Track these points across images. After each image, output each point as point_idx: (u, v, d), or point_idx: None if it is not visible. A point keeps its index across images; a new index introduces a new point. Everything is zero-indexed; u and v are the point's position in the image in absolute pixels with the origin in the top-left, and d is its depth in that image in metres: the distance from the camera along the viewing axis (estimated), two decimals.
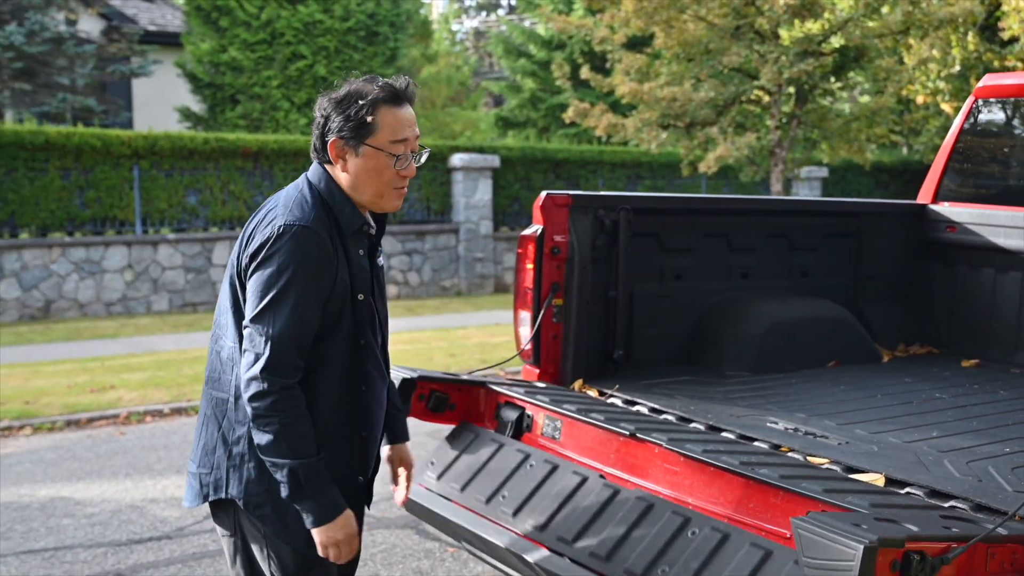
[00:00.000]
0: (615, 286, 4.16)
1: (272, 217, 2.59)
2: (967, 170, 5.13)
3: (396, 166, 2.64)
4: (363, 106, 2.60)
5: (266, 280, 2.53)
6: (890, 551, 2.20)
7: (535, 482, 3.28)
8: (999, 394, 4.07)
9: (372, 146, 2.61)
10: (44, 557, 5.26)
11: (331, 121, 2.63)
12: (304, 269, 2.52)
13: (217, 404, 2.69)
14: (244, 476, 2.63)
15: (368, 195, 2.66)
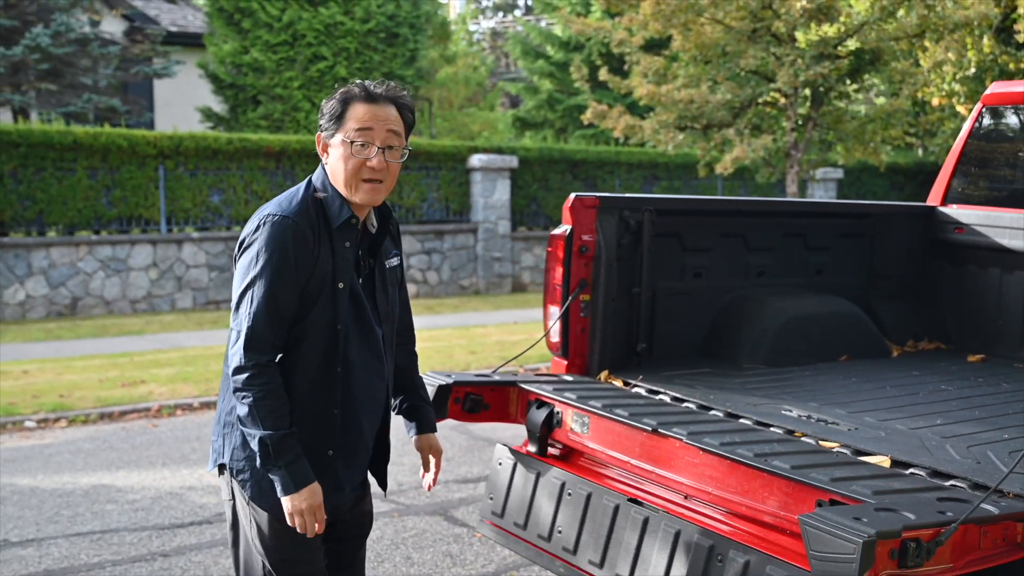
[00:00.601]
0: (639, 283, 4.39)
1: (262, 210, 2.86)
2: (975, 174, 5.34)
3: (355, 153, 2.83)
4: (340, 103, 2.87)
5: (246, 266, 2.79)
6: (888, 542, 2.44)
7: (579, 515, 3.56)
8: (1002, 387, 4.29)
9: (343, 136, 2.86)
10: (92, 539, 5.52)
11: (321, 121, 2.92)
12: (280, 256, 2.76)
13: (224, 379, 2.96)
14: (232, 443, 2.89)
15: (341, 185, 2.88)
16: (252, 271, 2.77)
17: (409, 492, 6.35)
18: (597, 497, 3.53)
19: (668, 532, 3.25)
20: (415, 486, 6.46)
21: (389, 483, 5.77)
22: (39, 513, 5.94)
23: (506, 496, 3.91)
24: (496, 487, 3.96)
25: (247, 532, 2.94)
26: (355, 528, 3.16)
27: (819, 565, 2.50)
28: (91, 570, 5.09)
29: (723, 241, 4.75)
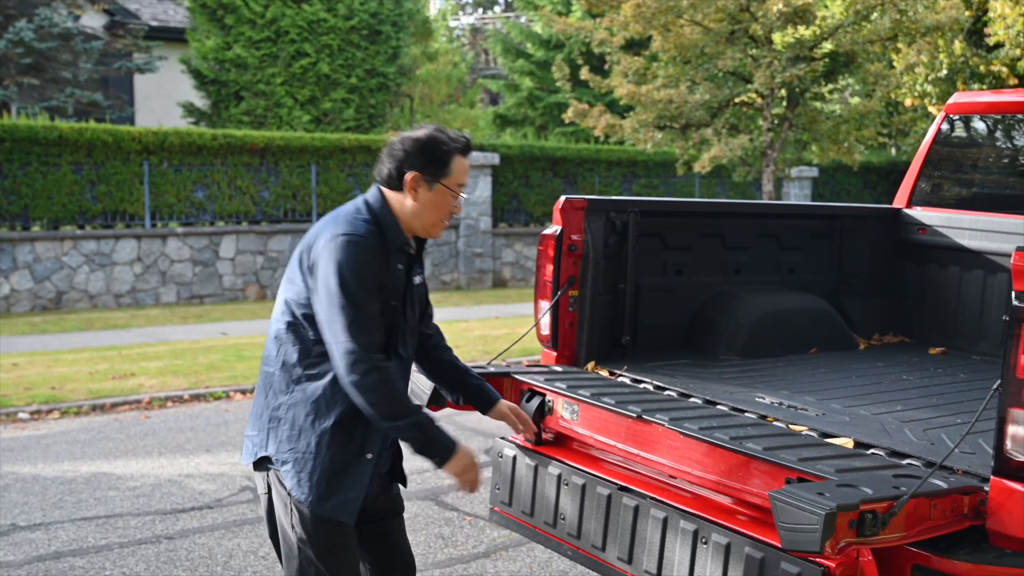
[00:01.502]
0: (624, 280, 4.68)
1: (334, 229, 3.07)
2: (937, 178, 5.66)
3: (454, 203, 3.18)
4: (445, 152, 3.14)
5: (334, 282, 2.98)
6: (848, 514, 2.75)
7: (578, 504, 3.86)
8: (959, 376, 4.60)
9: (444, 185, 3.14)
10: (98, 524, 5.76)
11: (412, 158, 3.13)
12: (363, 271, 3.02)
13: (265, 377, 3.20)
14: (278, 437, 3.12)
15: (427, 223, 3.18)
16: (343, 288, 2.97)
17: None
18: (591, 487, 3.81)
19: (657, 518, 3.53)
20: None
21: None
22: (44, 499, 6.17)
23: (511, 486, 4.19)
24: (502, 478, 4.25)
25: (285, 521, 3.16)
26: (387, 509, 3.45)
27: (787, 535, 2.80)
28: (99, 552, 5.34)
29: (702, 241, 5.04)
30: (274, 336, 3.18)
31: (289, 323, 3.13)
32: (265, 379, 3.21)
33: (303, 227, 16.22)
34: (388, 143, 3.19)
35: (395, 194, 3.16)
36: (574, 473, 3.89)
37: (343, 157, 16.71)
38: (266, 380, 3.20)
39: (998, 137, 5.53)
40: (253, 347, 11.40)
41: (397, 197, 3.16)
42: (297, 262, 3.15)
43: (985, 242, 5.17)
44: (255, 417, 3.23)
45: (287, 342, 3.15)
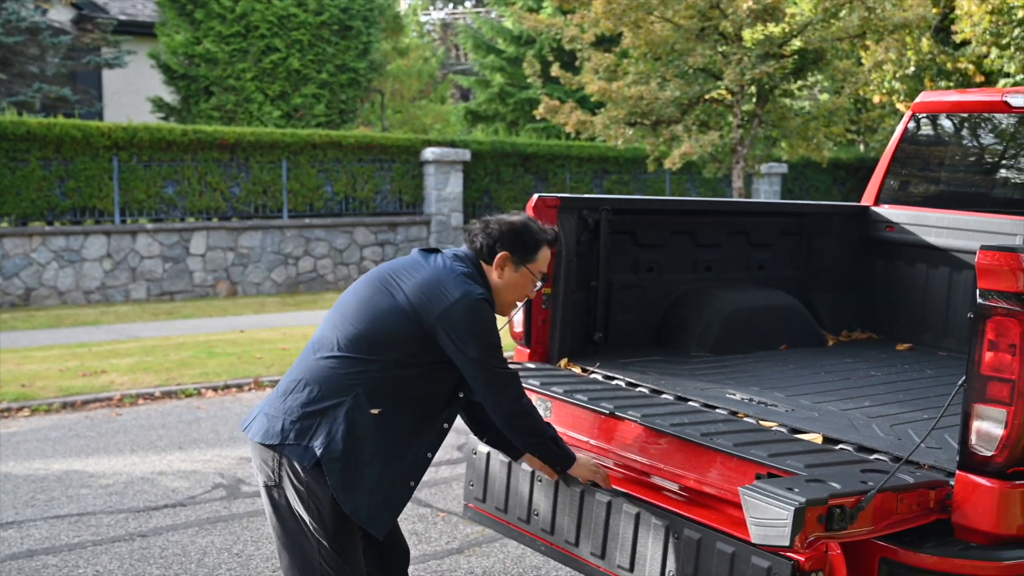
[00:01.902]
0: (596, 277, 4.72)
1: (461, 289, 3.31)
2: (905, 175, 5.74)
3: (528, 285, 3.54)
4: (537, 241, 3.50)
5: (479, 333, 3.29)
6: (817, 508, 2.80)
7: (551, 500, 3.91)
8: (926, 372, 4.68)
9: (529, 269, 3.50)
10: (70, 522, 5.75)
11: (506, 239, 3.45)
12: (493, 324, 3.39)
13: (327, 372, 3.27)
14: (332, 434, 3.21)
15: (504, 300, 3.53)
16: (482, 330, 3.30)
17: None
18: (563, 484, 3.85)
19: (629, 514, 3.58)
20: None
21: None
22: (15, 497, 6.14)
23: (485, 483, 4.22)
24: (476, 474, 4.28)
25: (302, 516, 3.26)
26: None
27: (757, 530, 2.85)
28: (72, 550, 5.33)
29: (674, 238, 5.09)
30: (351, 341, 3.30)
31: (375, 349, 3.28)
32: (325, 374, 3.28)
33: (274, 223, 16.18)
34: (483, 220, 3.53)
35: (484, 266, 3.49)
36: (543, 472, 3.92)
37: (314, 153, 16.67)
38: (327, 376, 3.28)
39: (964, 136, 5.61)
40: (224, 344, 11.37)
41: (486, 269, 3.49)
42: (403, 292, 3.33)
43: (951, 240, 5.25)
44: (297, 405, 3.27)
45: (362, 357, 3.29)
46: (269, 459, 3.29)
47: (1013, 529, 2.96)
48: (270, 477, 3.30)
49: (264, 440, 3.28)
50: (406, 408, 3.32)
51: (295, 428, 3.24)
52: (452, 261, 3.42)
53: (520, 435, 3.49)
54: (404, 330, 3.29)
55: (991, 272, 2.93)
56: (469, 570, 5.13)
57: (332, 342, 3.33)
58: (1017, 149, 5.30)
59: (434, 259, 3.44)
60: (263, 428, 3.31)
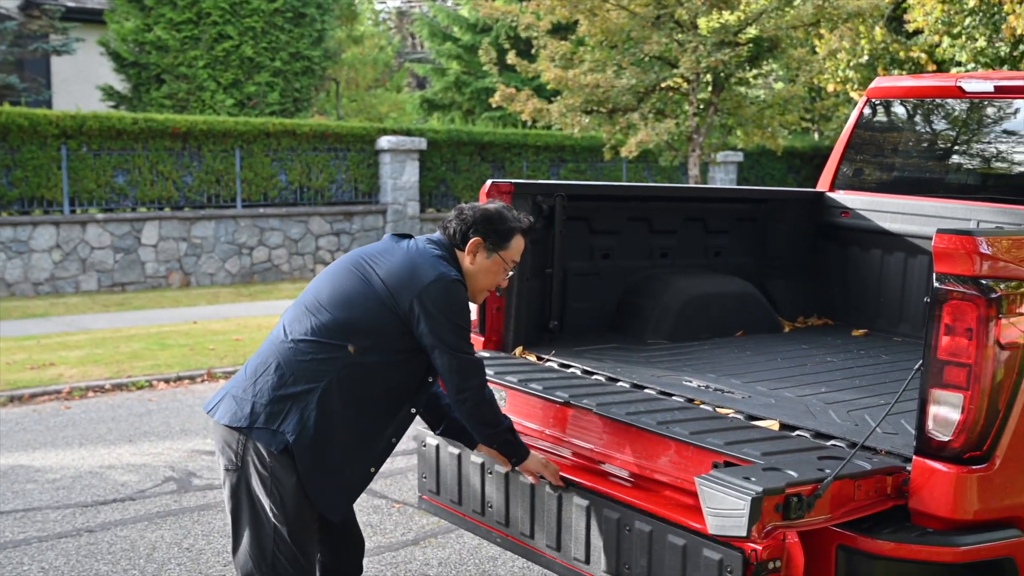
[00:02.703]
0: (551, 264, 4.66)
1: (433, 270, 3.31)
2: (859, 162, 5.74)
3: (501, 273, 3.54)
4: (511, 229, 3.50)
5: (450, 313, 3.29)
6: (773, 498, 2.76)
7: (503, 492, 3.85)
8: (881, 358, 4.67)
9: (501, 256, 3.49)
10: (15, 517, 5.61)
11: (479, 225, 3.45)
12: (466, 306, 3.40)
13: (299, 357, 3.23)
14: (303, 419, 3.20)
15: (476, 287, 3.52)
16: (458, 318, 3.32)
17: None
18: (514, 476, 3.79)
19: (580, 506, 3.53)
20: None
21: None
22: None
23: (437, 475, 4.16)
24: (427, 467, 4.21)
25: (261, 501, 3.23)
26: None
27: (713, 520, 2.81)
28: (17, 546, 5.20)
29: (629, 224, 5.04)
30: (319, 327, 3.27)
31: (349, 335, 3.26)
32: (294, 359, 3.24)
33: (227, 213, 15.96)
34: (458, 207, 3.53)
35: (458, 252, 3.50)
36: (496, 463, 3.86)
37: (268, 142, 16.47)
38: (296, 360, 3.24)
39: (918, 121, 5.61)
40: (177, 335, 11.20)
41: (459, 255, 3.50)
42: (378, 279, 3.31)
43: (906, 225, 5.25)
44: (268, 387, 3.23)
45: (337, 343, 3.26)
46: (234, 442, 3.23)
47: (970, 514, 2.95)
48: (232, 461, 3.24)
49: (232, 423, 3.23)
50: (377, 394, 3.31)
51: (265, 412, 3.20)
52: (426, 245, 3.43)
53: (479, 424, 3.47)
54: (380, 317, 3.27)
55: (948, 256, 2.90)
56: (425, 561, 5.06)
57: (306, 327, 3.29)
58: (971, 134, 5.31)
59: (408, 244, 3.43)
60: (230, 411, 3.25)
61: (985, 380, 2.87)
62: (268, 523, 3.24)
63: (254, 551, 3.26)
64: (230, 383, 3.38)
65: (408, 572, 4.92)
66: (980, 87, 5.07)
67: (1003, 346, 2.88)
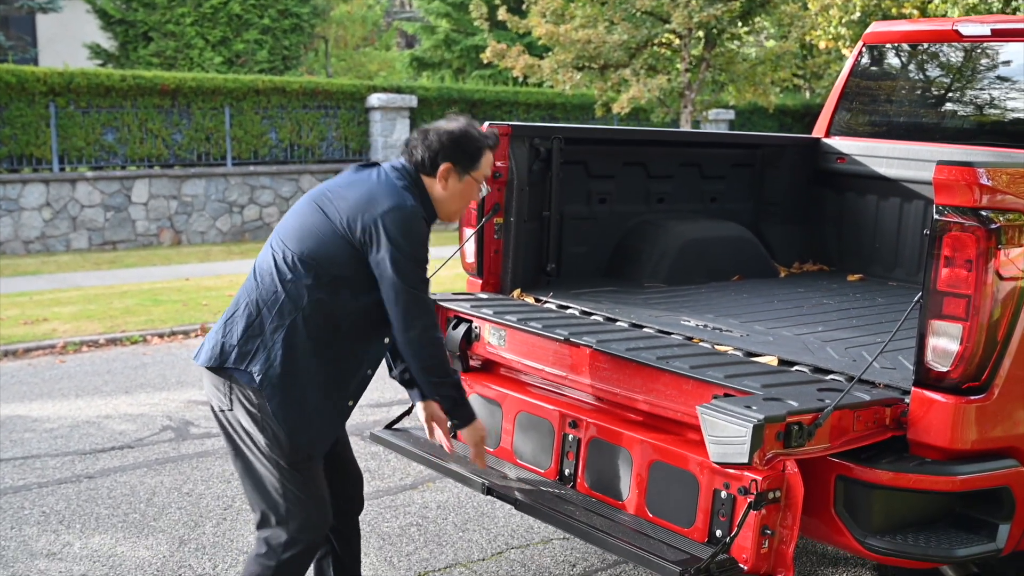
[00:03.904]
0: (548, 207, 4.67)
1: (390, 200, 3.19)
2: (855, 108, 5.73)
3: (477, 194, 3.44)
4: (479, 148, 3.38)
5: (404, 248, 3.17)
6: (775, 425, 2.80)
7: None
8: (877, 301, 4.70)
9: (473, 177, 3.39)
10: (15, 465, 5.63)
11: (447, 150, 3.32)
12: (423, 240, 3.26)
13: (265, 296, 3.21)
14: (272, 358, 3.16)
15: (451, 210, 3.41)
16: (411, 253, 3.19)
17: None
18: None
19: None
20: None
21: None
22: None
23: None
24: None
25: (256, 438, 3.20)
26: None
27: (715, 448, 2.85)
28: (17, 492, 5.22)
29: (626, 169, 5.05)
30: (283, 263, 3.22)
31: (311, 271, 3.20)
32: (259, 293, 3.22)
33: (217, 170, 15.89)
34: (422, 130, 3.38)
35: (426, 178, 3.36)
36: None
37: (257, 99, 16.36)
38: (260, 295, 3.22)
39: (915, 66, 5.61)
40: (169, 292, 11.18)
41: (428, 181, 3.36)
42: (337, 212, 3.22)
43: (902, 170, 5.26)
44: (244, 329, 3.21)
45: (300, 280, 3.20)
46: (220, 384, 3.23)
47: (968, 444, 2.99)
48: (222, 401, 3.24)
49: (208, 363, 3.23)
50: (346, 329, 3.24)
51: (235, 352, 3.19)
52: (389, 174, 3.32)
53: (425, 369, 3.32)
54: (340, 250, 3.20)
55: (948, 187, 2.92)
56: (423, 504, 5.10)
57: (270, 265, 3.25)
58: (968, 79, 5.31)
59: (369, 173, 3.33)
60: (207, 353, 3.25)
61: (984, 311, 2.90)
62: (267, 460, 3.22)
63: (260, 491, 3.27)
64: (212, 328, 3.37)
65: (407, 515, 4.96)
66: (977, 31, 5.07)
67: (1003, 277, 2.91)
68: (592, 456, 3.57)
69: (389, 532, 4.76)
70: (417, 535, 4.73)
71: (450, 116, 3.43)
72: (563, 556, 4.49)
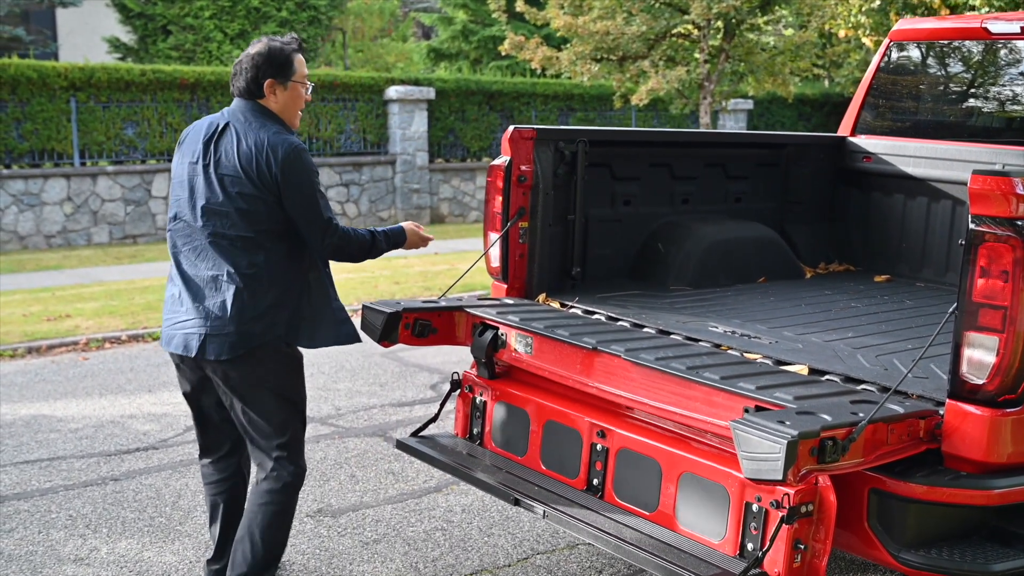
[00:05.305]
0: (573, 210, 4.64)
1: (282, 144, 3.62)
2: (882, 106, 5.68)
3: (306, 93, 3.79)
4: (288, 57, 3.71)
5: (308, 181, 3.65)
6: (809, 441, 2.76)
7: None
8: (905, 303, 4.66)
9: (295, 82, 3.73)
10: (41, 467, 5.65)
11: (260, 69, 3.68)
12: (314, 167, 3.74)
13: (245, 280, 3.59)
14: (256, 307, 3.63)
15: (291, 116, 3.78)
16: (314, 184, 3.67)
17: (347, 416, 6.58)
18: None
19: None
20: (353, 410, 6.69)
21: (328, 408, 6.76)
22: None
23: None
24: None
25: (270, 383, 3.69)
26: None
27: (749, 465, 2.81)
28: (44, 495, 5.24)
29: (651, 170, 5.01)
30: (246, 245, 3.62)
31: (252, 224, 3.62)
32: (243, 281, 3.59)
33: None
34: (236, 64, 3.75)
35: (262, 101, 3.72)
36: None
37: None
38: (247, 282, 3.60)
39: (943, 64, 5.55)
40: None
41: (264, 102, 3.72)
42: (244, 175, 3.60)
43: (929, 169, 5.20)
44: (232, 319, 3.59)
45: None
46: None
47: (1004, 457, 2.95)
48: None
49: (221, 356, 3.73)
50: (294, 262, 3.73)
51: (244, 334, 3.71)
52: (243, 124, 3.64)
53: (356, 257, 3.83)
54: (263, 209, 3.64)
55: (984, 197, 2.87)
56: (448, 508, 5.10)
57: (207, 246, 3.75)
58: (996, 76, 5.25)
59: (230, 133, 3.65)
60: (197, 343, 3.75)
61: (1021, 322, 2.86)
62: (272, 387, 3.70)
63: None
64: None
65: (432, 519, 4.96)
66: (1006, 28, 5.00)
67: None
68: (621, 466, 3.55)
69: (414, 537, 4.75)
70: (442, 540, 4.73)
71: (253, 43, 3.79)
72: (589, 562, 4.48)
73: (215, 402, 3.86)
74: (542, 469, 3.87)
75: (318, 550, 4.61)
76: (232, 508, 4.01)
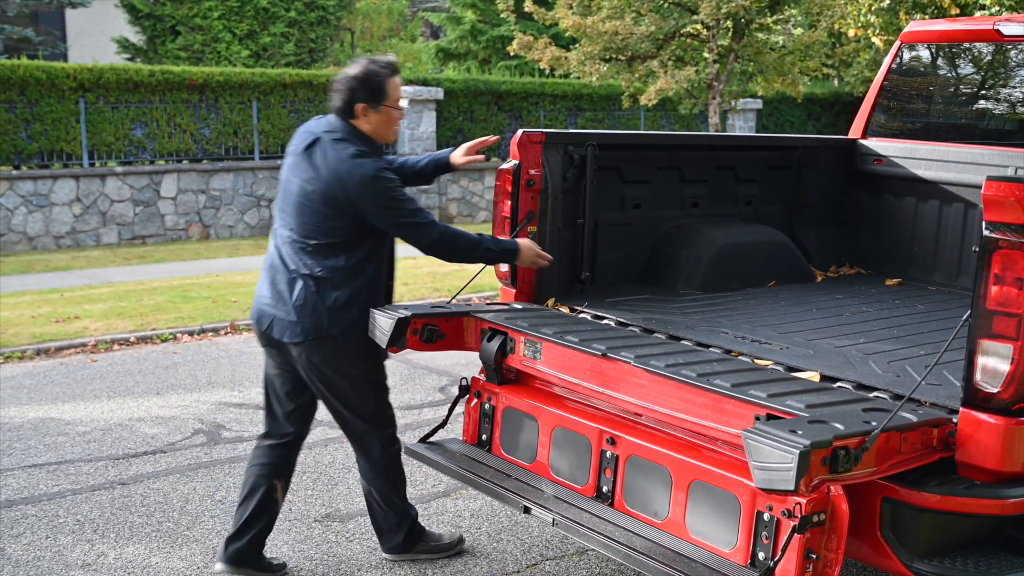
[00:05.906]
0: (582, 214, 4.62)
1: (363, 169, 3.84)
2: (893, 108, 5.64)
3: (399, 115, 4.00)
4: (382, 81, 3.91)
5: (393, 198, 3.92)
6: (821, 451, 2.73)
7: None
8: (917, 308, 4.63)
9: (388, 107, 3.95)
10: (48, 470, 5.65)
11: (355, 92, 3.89)
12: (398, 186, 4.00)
13: (313, 278, 3.94)
14: (331, 316, 3.98)
15: (383, 136, 4.01)
16: (393, 198, 3.90)
17: None
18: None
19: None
20: None
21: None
22: None
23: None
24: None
25: (349, 370, 4.08)
26: None
27: (760, 475, 2.78)
28: (52, 499, 5.23)
29: (660, 174, 4.99)
30: (317, 248, 3.96)
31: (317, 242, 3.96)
32: (312, 279, 3.94)
33: (245, 165, 15.92)
34: (334, 84, 3.92)
35: (354, 122, 3.93)
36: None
37: (285, 93, 16.36)
38: (312, 280, 3.94)
39: (954, 66, 5.51)
40: (199, 288, 11.21)
41: (356, 123, 3.94)
42: (324, 193, 3.88)
43: (941, 172, 5.17)
44: (300, 313, 3.97)
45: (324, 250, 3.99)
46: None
47: (1018, 466, 2.92)
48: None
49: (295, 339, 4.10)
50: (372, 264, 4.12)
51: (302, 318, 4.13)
52: (332, 145, 3.85)
53: (460, 257, 4.09)
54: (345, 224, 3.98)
55: (998, 204, 2.84)
56: (456, 513, 5.08)
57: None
58: (1008, 78, 5.21)
59: (318, 153, 3.88)
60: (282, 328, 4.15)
61: None
62: (354, 375, 4.12)
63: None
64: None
65: (441, 524, 4.94)
66: (1019, 30, 4.96)
67: None
68: (630, 474, 3.53)
69: None
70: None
71: (352, 63, 3.97)
72: (599, 569, 4.46)
73: (291, 387, 4.22)
74: (551, 476, 3.85)
75: (326, 556, 4.59)
76: (268, 495, 4.20)
